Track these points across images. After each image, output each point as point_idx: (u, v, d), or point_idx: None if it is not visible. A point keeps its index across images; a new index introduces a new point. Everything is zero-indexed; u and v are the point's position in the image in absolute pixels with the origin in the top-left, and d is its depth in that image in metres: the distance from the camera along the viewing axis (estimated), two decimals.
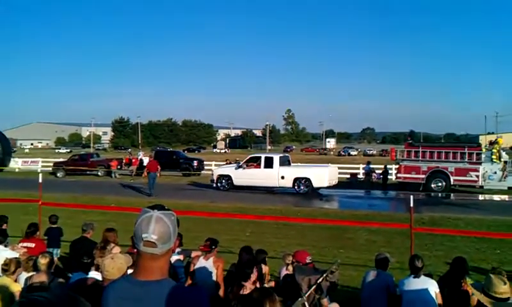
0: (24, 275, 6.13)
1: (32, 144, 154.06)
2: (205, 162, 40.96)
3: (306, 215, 18.21)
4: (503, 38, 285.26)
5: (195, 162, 39.54)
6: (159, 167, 26.31)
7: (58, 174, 37.31)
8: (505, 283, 4.26)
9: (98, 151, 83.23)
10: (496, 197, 24.83)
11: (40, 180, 12.37)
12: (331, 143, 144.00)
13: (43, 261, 6.00)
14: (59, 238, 10.70)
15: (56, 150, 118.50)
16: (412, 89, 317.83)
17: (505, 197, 24.62)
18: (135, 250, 2.46)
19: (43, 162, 46.24)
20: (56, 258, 9.11)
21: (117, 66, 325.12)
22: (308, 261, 7.00)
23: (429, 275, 6.98)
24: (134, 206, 15.21)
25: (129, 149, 60.34)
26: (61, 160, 43.48)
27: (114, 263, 4.34)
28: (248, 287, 6.19)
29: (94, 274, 6.06)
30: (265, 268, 7.82)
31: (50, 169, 39.82)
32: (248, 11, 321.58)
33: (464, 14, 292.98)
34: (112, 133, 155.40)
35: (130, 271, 3.72)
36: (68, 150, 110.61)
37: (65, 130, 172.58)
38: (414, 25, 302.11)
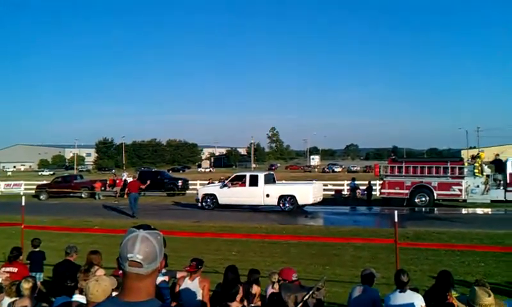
0: (7, 300, 6.05)
1: (15, 166, 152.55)
2: (189, 182, 40.88)
3: (292, 233, 18.21)
4: (484, 53, 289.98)
5: (180, 181, 39.44)
6: (142, 186, 26.12)
7: (41, 197, 36.87)
8: (489, 295, 4.29)
9: (81, 173, 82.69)
10: (479, 211, 25.07)
11: (23, 203, 12.25)
12: (315, 160, 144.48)
13: (26, 285, 5.92)
14: (41, 262, 10.56)
15: (39, 172, 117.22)
16: (394, 106, 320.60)
17: (488, 210, 24.88)
18: (120, 272, 2.45)
19: (25, 184, 45.76)
20: (39, 282, 8.98)
21: (99, 87, 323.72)
22: (294, 278, 7.00)
23: (415, 289, 7.02)
24: (118, 228, 15.12)
25: (113, 170, 59.96)
26: (44, 182, 43.04)
27: (98, 286, 4.30)
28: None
29: (78, 298, 5.99)
30: (256, 289, 7.76)
31: (33, 191, 39.38)
32: (229, 28, 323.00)
33: (445, 28, 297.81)
34: (96, 155, 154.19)
35: (115, 294, 3.69)
36: (52, 172, 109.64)
37: (48, 152, 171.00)
38: (395, 40, 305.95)
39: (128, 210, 24.79)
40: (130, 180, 37.91)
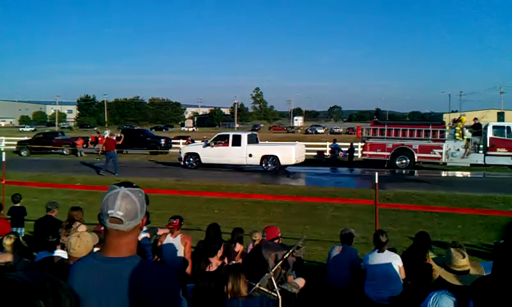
0: None
1: None
2: (172, 141, 40.70)
3: (274, 192, 18.33)
4: (467, 19, 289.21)
5: (162, 140, 39.22)
6: (118, 142, 25.64)
7: (22, 153, 36.51)
8: (464, 256, 4.36)
9: (63, 130, 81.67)
10: (458, 174, 25.44)
11: (3, 159, 12.13)
12: (298, 121, 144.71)
13: (8, 241, 5.91)
14: (22, 218, 10.54)
15: (20, 129, 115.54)
16: (378, 69, 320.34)
17: (468, 173, 25.26)
18: (102, 228, 2.46)
19: (6, 140, 45.14)
20: (20, 238, 8.99)
21: (81, 43, 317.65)
22: (279, 235, 7.11)
23: (393, 250, 7.15)
24: (101, 185, 15.09)
25: (95, 128, 59.35)
26: (26, 138, 42.50)
27: (80, 241, 4.31)
28: (214, 263, 6.25)
29: (59, 253, 6.01)
30: (239, 247, 7.86)
31: (14, 147, 38.95)
32: None
33: None
34: (78, 112, 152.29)
35: (96, 249, 3.71)
36: (33, 129, 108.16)
37: (29, 108, 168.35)
38: (380, 4, 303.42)
39: (110, 168, 24.51)
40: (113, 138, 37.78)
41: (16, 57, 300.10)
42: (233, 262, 7.31)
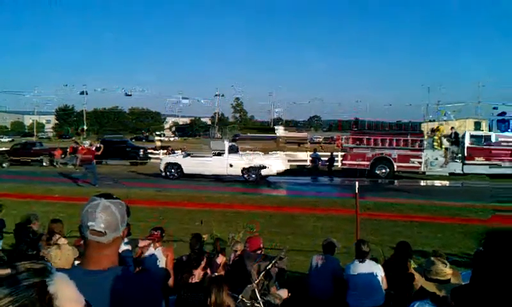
0: None
1: None
2: (153, 151, 40.46)
3: (255, 202, 18.30)
4: (446, 25, 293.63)
5: (141, 150, 38.95)
6: (97, 153, 25.42)
7: (4, 165, 35.73)
8: (446, 265, 4.41)
9: (41, 140, 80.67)
10: (437, 183, 25.72)
11: None
12: (279, 131, 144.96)
13: None
14: (1, 230, 10.36)
15: None
16: (357, 78, 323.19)
17: (446, 182, 25.56)
18: (82, 242, 2.43)
19: None
20: None
21: (60, 51, 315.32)
22: (261, 246, 7.09)
23: (375, 259, 7.18)
24: (80, 196, 14.92)
25: (74, 138, 58.73)
26: (3, 149, 41.83)
27: (61, 254, 4.27)
28: (196, 275, 6.22)
29: None
30: (221, 259, 7.81)
31: None
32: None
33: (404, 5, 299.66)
34: (56, 122, 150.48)
35: (77, 262, 3.66)
36: (10, 139, 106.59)
37: (7, 118, 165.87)
38: (358, 13, 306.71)
39: (90, 178, 24.12)
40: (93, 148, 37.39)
41: None
42: (216, 274, 7.28)
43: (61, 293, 1.03)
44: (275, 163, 25.48)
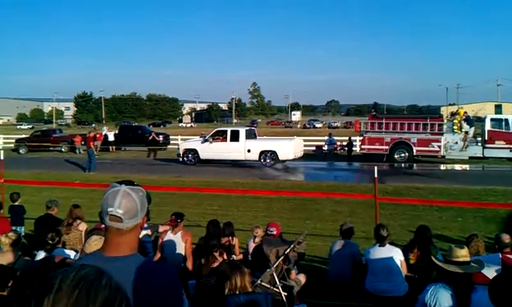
0: None
1: None
2: (171, 137, 40.59)
3: (273, 188, 18.32)
4: (466, 11, 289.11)
5: (161, 136, 39.11)
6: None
7: (21, 151, 36.39)
8: (463, 248, 4.44)
9: (60, 127, 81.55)
10: (457, 167, 25.47)
11: (2, 157, 12.09)
12: (296, 116, 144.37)
13: (6, 240, 5.87)
14: (22, 216, 10.51)
15: (18, 126, 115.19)
16: (375, 62, 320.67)
17: (466, 166, 25.27)
18: (103, 226, 2.43)
19: (4, 138, 44.99)
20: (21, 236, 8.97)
21: (78, 39, 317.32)
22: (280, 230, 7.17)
23: (394, 244, 7.15)
24: (100, 182, 15.05)
25: (93, 125, 59.23)
26: (23, 136, 42.36)
27: (100, 242, 4.28)
28: (218, 259, 6.24)
29: (60, 251, 5.99)
30: (234, 241, 7.90)
31: (12, 145, 38.83)
32: None
33: None
34: (75, 109, 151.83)
35: (97, 248, 3.69)
36: (30, 126, 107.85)
37: (26, 106, 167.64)
38: None
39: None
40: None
41: (12, 55, 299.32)
42: (234, 257, 7.33)
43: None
44: (286, 147, 25.34)
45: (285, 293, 5.51)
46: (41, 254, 6.16)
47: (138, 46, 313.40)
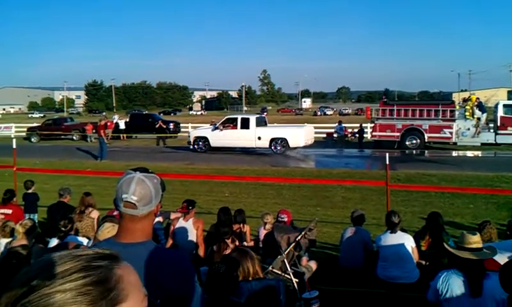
0: (4, 240, 6.09)
1: (4, 109, 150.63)
2: (181, 124, 40.65)
3: (284, 175, 18.32)
4: None
5: (171, 124, 39.17)
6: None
7: (32, 139, 36.68)
8: (475, 234, 4.44)
9: (72, 115, 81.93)
10: (469, 153, 25.28)
11: (14, 146, 12.17)
12: (307, 103, 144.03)
13: (22, 229, 5.93)
14: (35, 204, 10.61)
15: (29, 115, 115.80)
16: (386, 48, 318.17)
17: (478, 153, 25.08)
18: (116, 213, 2.45)
19: (16, 127, 45.27)
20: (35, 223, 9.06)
21: (88, 28, 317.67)
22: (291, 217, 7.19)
23: (405, 231, 7.14)
24: (111, 170, 15.14)
25: (104, 113, 59.44)
26: (35, 125, 42.63)
27: (113, 230, 4.31)
28: (230, 246, 6.28)
29: (73, 238, 6.05)
30: (245, 228, 7.94)
31: (24, 134, 39.12)
32: None
33: None
34: (86, 97, 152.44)
35: (111, 235, 3.72)
36: (42, 115, 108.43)
37: (38, 95, 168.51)
38: None
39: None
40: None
41: (23, 44, 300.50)
42: (246, 244, 7.36)
43: (126, 278, 1.07)
44: (296, 134, 25.30)
45: (296, 280, 5.52)
46: (54, 242, 6.22)
47: (148, 35, 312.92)
